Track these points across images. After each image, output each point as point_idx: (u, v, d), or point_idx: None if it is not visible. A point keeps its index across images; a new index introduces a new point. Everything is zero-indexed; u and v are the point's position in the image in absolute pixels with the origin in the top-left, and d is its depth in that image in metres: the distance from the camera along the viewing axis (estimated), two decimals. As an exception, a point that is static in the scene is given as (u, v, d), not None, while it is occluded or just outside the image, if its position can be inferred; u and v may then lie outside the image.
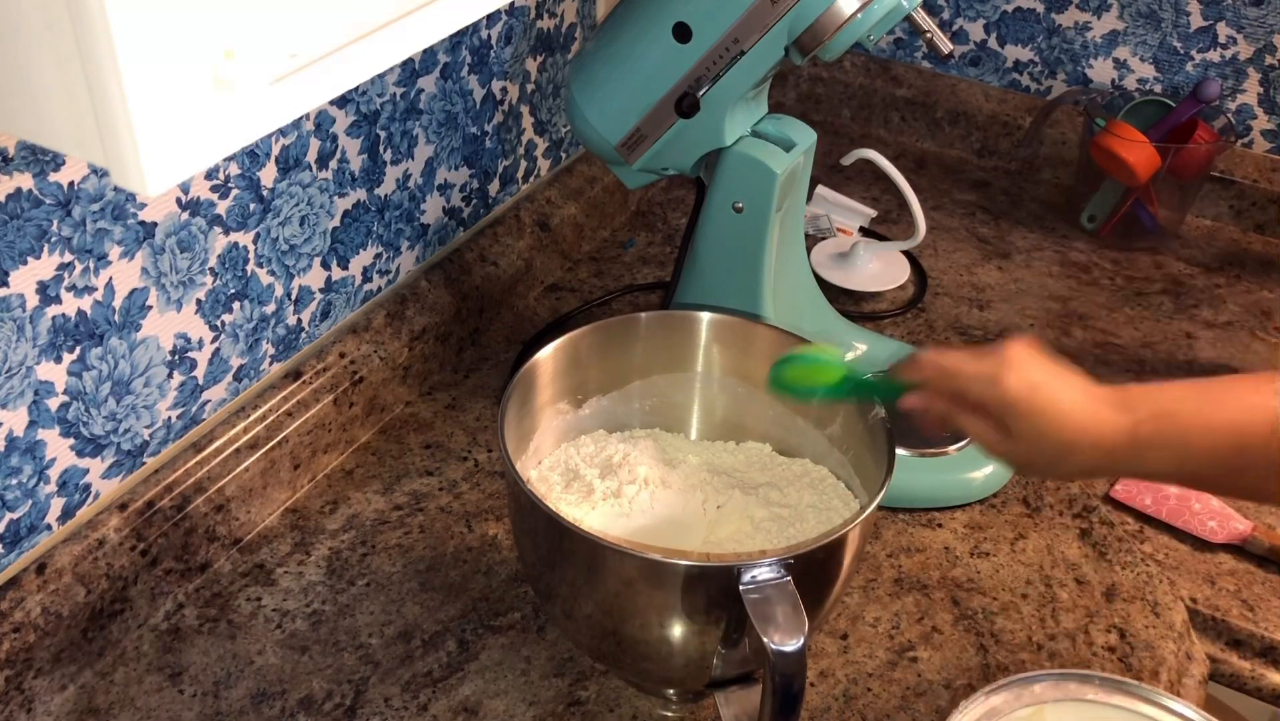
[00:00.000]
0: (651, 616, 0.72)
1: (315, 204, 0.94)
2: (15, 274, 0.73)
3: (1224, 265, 1.30)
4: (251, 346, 0.93)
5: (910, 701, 0.83)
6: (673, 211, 1.34)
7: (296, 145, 0.90)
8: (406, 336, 1.04)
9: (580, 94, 0.96)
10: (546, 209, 1.21)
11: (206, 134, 0.43)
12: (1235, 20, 1.30)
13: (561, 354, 0.84)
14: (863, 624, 0.88)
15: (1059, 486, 1.00)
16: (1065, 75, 1.41)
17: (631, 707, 0.81)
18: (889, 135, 1.51)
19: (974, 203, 1.39)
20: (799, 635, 0.65)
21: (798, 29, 0.86)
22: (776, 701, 0.66)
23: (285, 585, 0.89)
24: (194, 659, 0.83)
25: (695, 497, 0.85)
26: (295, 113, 0.46)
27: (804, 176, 1.00)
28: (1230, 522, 0.95)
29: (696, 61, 0.90)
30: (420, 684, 0.82)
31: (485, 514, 0.95)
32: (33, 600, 0.77)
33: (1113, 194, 1.30)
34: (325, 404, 0.96)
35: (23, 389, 0.76)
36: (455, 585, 0.89)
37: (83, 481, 0.82)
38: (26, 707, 0.78)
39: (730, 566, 0.68)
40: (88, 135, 0.41)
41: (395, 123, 0.99)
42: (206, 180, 0.84)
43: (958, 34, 1.44)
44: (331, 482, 0.98)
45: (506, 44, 1.09)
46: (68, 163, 0.73)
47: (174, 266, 0.83)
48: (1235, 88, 1.33)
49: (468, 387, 1.08)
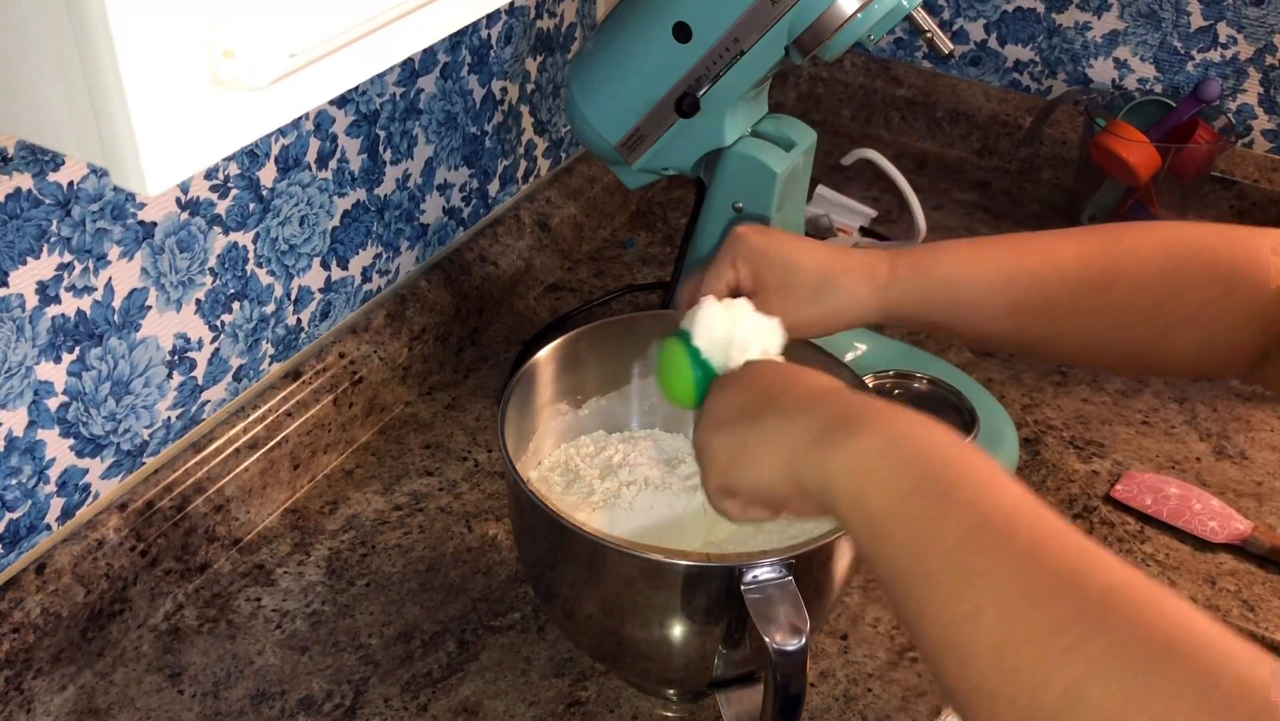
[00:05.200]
0: (652, 616, 0.72)
1: (315, 204, 0.94)
2: (15, 274, 0.73)
3: (1224, 265, 1.30)
4: (251, 346, 0.93)
5: (910, 702, 0.83)
6: (673, 211, 1.34)
7: (296, 145, 0.90)
8: (406, 336, 1.04)
9: (580, 94, 0.96)
10: (546, 209, 1.20)
11: (206, 134, 0.43)
12: (1235, 20, 1.30)
13: (561, 354, 0.84)
14: (863, 624, 0.88)
15: (1059, 486, 1.00)
16: (1065, 75, 1.41)
17: (632, 708, 0.81)
18: (889, 135, 1.51)
19: (974, 203, 1.39)
20: (800, 635, 0.65)
21: (798, 29, 0.86)
22: (778, 701, 0.66)
23: (285, 585, 0.89)
24: (194, 659, 0.83)
25: (695, 497, 0.84)
26: (295, 113, 0.46)
27: (804, 176, 1.00)
28: (1230, 522, 0.95)
29: (696, 61, 0.90)
30: (420, 684, 0.82)
31: (485, 514, 0.95)
32: (32, 600, 0.77)
33: (1113, 194, 1.30)
34: (325, 404, 0.96)
35: (22, 389, 0.76)
36: (455, 585, 0.89)
37: (82, 481, 0.82)
38: (26, 708, 0.78)
39: (731, 566, 0.68)
40: (87, 135, 0.41)
41: (395, 123, 0.99)
42: (206, 180, 0.84)
43: (958, 34, 1.44)
44: (331, 483, 0.98)
45: (506, 44, 1.09)
46: (67, 163, 0.73)
47: (174, 266, 0.83)
48: (1235, 88, 1.33)
49: (467, 387, 1.08)
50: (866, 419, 0.56)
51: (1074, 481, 1.00)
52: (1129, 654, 0.43)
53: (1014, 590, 0.47)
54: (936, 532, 0.50)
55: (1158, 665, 0.42)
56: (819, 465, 0.56)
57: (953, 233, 1.33)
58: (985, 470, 0.52)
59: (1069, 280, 0.70)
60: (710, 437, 0.63)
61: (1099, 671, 0.43)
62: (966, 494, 0.51)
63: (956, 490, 0.51)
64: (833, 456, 0.55)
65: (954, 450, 0.53)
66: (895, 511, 0.52)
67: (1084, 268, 0.70)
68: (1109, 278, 0.70)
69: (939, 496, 0.51)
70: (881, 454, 0.54)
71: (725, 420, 0.63)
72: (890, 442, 0.54)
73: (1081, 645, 0.44)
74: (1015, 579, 0.47)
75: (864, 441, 0.54)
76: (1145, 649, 0.43)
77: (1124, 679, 0.43)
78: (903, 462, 0.53)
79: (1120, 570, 0.47)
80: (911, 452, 0.53)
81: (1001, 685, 0.45)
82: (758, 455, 0.59)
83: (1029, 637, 0.45)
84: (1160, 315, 0.69)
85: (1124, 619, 0.44)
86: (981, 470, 0.52)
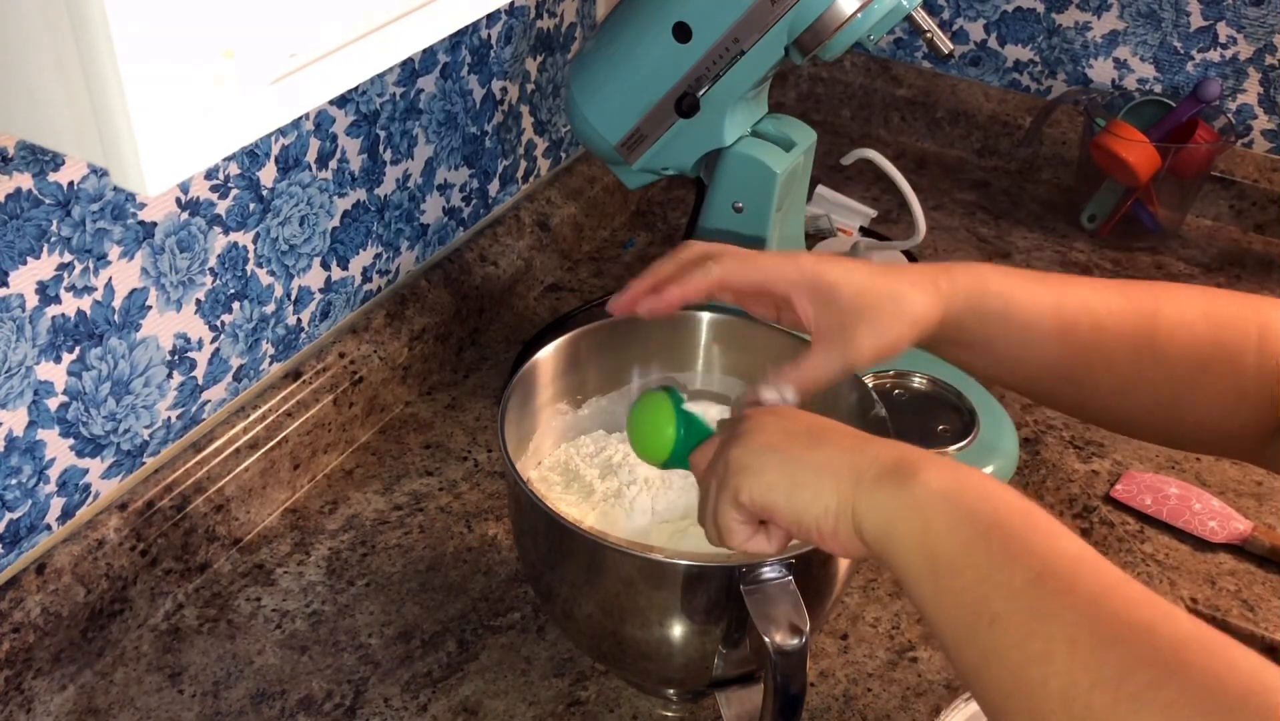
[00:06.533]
0: (652, 616, 0.72)
1: (315, 204, 0.94)
2: (15, 274, 0.73)
3: (1224, 265, 1.30)
4: (251, 346, 0.93)
5: (910, 701, 0.83)
6: (673, 211, 1.34)
7: (296, 145, 0.90)
8: (406, 336, 1.04)
9: (580, 94, 0.96)
10: (546, 209, 1.20)
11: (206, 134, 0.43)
12: (1235, 20, 1.30)
13: (561, 354, 0.84)
14: (863, 624, 0.88)
15: (1059, 486, 1.00)
16: (1065, 75, 1.41)
17: (632, 707, 0.81)
18: (889, 135, 1.51)
19: (974, 202, 1.39)
20: (800, 635, 0.65)
21: (798, 29, 0.86)
22: (778, 701, 0.66)
23: (285, 585, 0.89)
24: (194, 659, 0.83)
25: (695, 497, 0.84)
26: (295, 113, 0.46)
27: (804, 176, 1.00)
28: (1230, 522, 0.95)
29: (696, 61, 0.90)
30: (420, 684, 0.82)
31: (485, 514, 0.95)
32: (32, 600, 0.77)
33: (1113, 194, 1.30)
34: (325, 404, 0.96)
35: (22, 389, 0.76)
36: (455, 585, 0.89)
37: (82, 481, 0.82)
38: (26, 708, 0.78)
39: (731, 566, 0.68)
40: (87, 135, 0.41)
41: (395, 123, 0.99)
42: (206, 180, 0.84)
43: (958, 34, 1.44)
44: (331, 483, 0.98)
45: (506, 44, 1.09)
46: (67, 163, 0.73)
47: (174, 266, 0.83)
48: (1235, 87, 1.33)
49: (468, 387, 1.08)
50: (929, 464, 0.56)
51: (1074, 481, 1.00)
52: (1202, 701, 0.43)
53: (1083, 633, 0.47)
54: (1004, 575, 0.50)
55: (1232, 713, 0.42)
56: (883, 503, 0.56)
57: (953, 232, 1.33)
58: (1047, 521, 0.53)
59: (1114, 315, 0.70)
60: (760, 454, 0.61)
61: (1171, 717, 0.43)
62: (1031, 541, 0.51)
63: (1022, 537, 0.51)
64: (898, 495, 0.55)
65: (1016, 500, 0.54)
66: (961, 554, 0.52)
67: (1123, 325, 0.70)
68: (1146, 337, 0.69)
69: (1005, 541, 0.51)
70: (947, 497, 0.54)
71: (777, 442, 0.61)
72: (956, 487, 0.54)
73: (1153, 691, 0.44)
74: (1083, 623, 0.47)
75: (929, 484, 0.55)
76: (1220, 697, 0.43)
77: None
78: (969, 507, 0.53)
79: (1188, 621, 0.47)
80: (976, 498, 0.53)
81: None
82: (815, 482, 0.58)
83: (1099, 681, 0.45)
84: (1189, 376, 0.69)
85: (1197, 666, 0.44)
86: (1042, 521, 0.53)
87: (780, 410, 0.65)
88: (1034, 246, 1.31)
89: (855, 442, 0.60)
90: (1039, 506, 0.55)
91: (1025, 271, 0.72)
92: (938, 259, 1.28)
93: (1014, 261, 1.28)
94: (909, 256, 1.26)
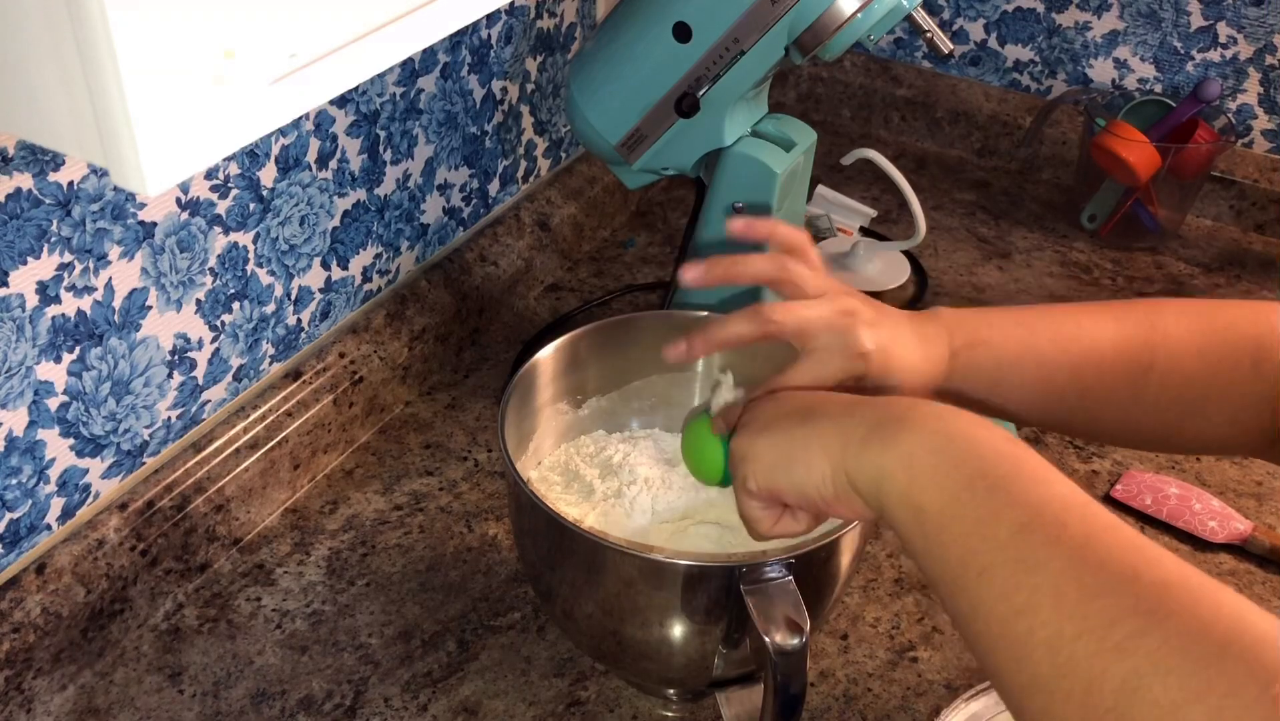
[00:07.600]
0: (652, 616, 0.72)
1: (315, 204, 0.94)
2: (15, 274, 0.73)
3: (1224, 265, 1.30)
4: (251, 346, 0.93)
5: (910, 701, 0.83)
6: (673, 211, 1.34)
7: (296, 145, 0.90)
8: (406, 336, 1.04)
9: (580, 94, 0.96)
10: (546, 209, 1.20)
11: (206, 134, 0.43)
12: (1235, 20, 1.30)
13: (561, 354, 0.84)
14: (863, 624, 0.88)
15: (1059, 486, 1.00)
16: (1065, 75, 1.41)
17: (632, 707, 0.81)
18: (889, 135, 1.51)
19: (974, 202, 1.39)
20: (800, 635, 0.65)
21: (798, 29, 0.86)
22: (778, 701, 0.66)
23: (285, 585, 0.89)
24: (194, 659, 0.83)
25: (696, 496, 0.84)
26: (295, 113, 0.46)
27: (804, 176, 1.00)
28: (1230, 522, 0.95)
29: (696, 61, 0.90)
30: (420, 684, 0.82)
31: (485, 514, 0.95)
32: (32, 600, 0.77)
33: (1113, 194, 1.30)
34: (325, 404, 0.96)
35: (22, 389, 0.76)
36: (455, 585, 0.89)
37: (82, 481, 0.82)
38: (26, 707, 0.78)
39: (731, 566, 0.68)
40: (87, 135, 0.41)
41: (395, 122, 0.99)
42: (206, 180, 0.84)
43: (958, 34, 1.44)
44: (331, 482, 0.98)
45: (506, 44, 1.09)
46: (67, 163, 0.73)
47: (174, 266, 0.83)
48: (1235, 87, 1.33)
49: (468, 387, 1.08)
50: (916, 416, 0.56)
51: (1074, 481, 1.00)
52: (1187, 648, 0.43)
53: (1068, 584, 0.47)
54: (990, 527, 0.50)
55: (1216, 659, 0.42)
56: (870, 462, 0.56)
57: (953, 232, 1.33)
58: (1035, 466, 0.53)
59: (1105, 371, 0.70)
60: (754, 440, 0.62)
61: (1157, 665, 0.43)
62: (1018, 489, 0.51)
63: (1008, 486, 0.51)
64: (884, 453, 0.55)
65: (1004, 446, 0.54)
66: (948, 506, 0.52)
67: (1120, 355, 0.70)
68: (1144, 365, 0.69)
69: (991, 491, 0.51)
70: (933, 450, 0.54)
71: (769, 424, 0.62)
72: (943, 439, 0.54)
73: (1138, 639, 0.44)
74: (1069, 572, 0.47)
75: (915, 438, 0.55)
76: (1203, 643, 0.43)
77: (1182, 672, 0.42)
78: (955, 458, 0.53)
79: (1175, 565, 0.47)
80: (962, 448, 0.53)
81: (1057, 679, 0.45)
82: (807, 454, 0.59)
83: (1084, 631, 0.45)
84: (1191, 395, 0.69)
85: (1180, 613, 0.44)
86: (1032, 466, 0.53)
87: (778, 395, 0.66)
88: (1034, 246, 1.31)
89: (845, 408, 0.60)
90: (1030, 449, 0.54)
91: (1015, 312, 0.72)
92: (938, 259, 1.28)
93: (1014, 261, 1.28)
94: (909, 256, 1.27)
